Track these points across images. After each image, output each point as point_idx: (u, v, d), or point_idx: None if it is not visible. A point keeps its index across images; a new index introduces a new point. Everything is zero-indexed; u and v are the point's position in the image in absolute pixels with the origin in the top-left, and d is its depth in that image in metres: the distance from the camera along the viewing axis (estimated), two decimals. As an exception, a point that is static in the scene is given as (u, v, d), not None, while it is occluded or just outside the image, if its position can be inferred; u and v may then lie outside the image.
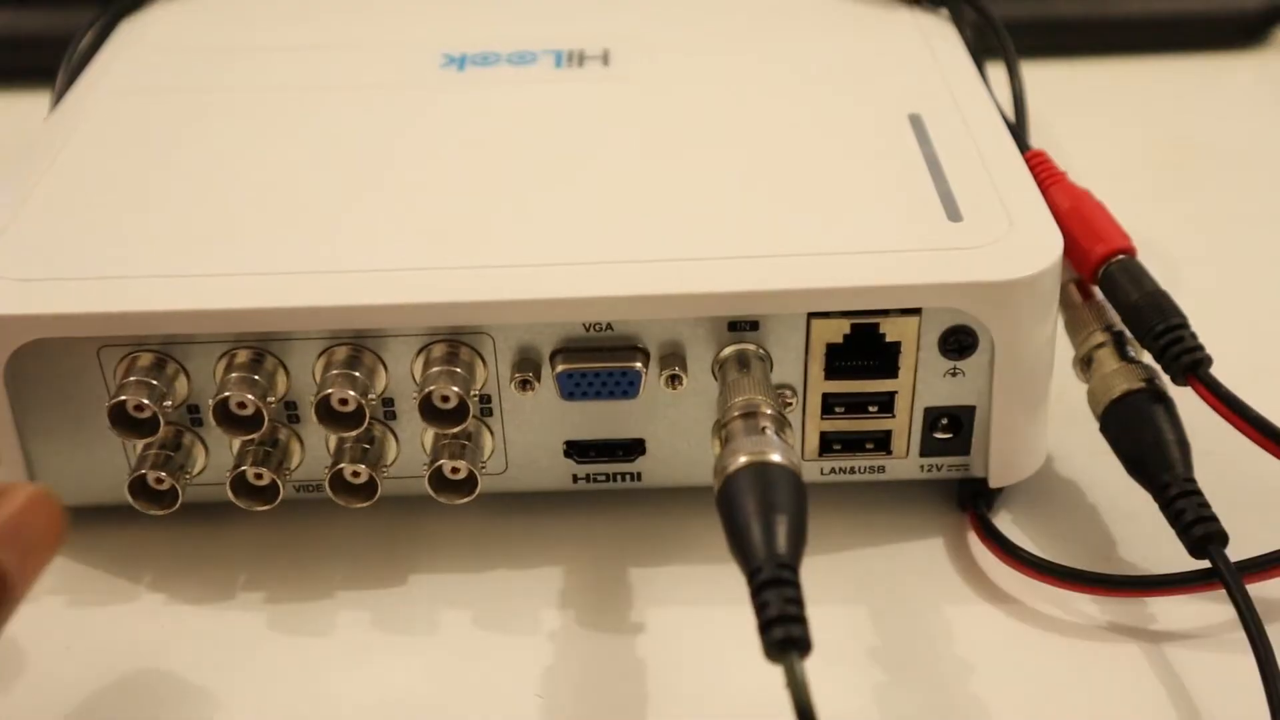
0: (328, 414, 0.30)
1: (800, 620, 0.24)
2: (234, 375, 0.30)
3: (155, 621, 0.31)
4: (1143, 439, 0.31)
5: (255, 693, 0.30)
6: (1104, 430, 0.32)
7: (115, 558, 0.33)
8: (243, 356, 0.30)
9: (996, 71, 0.40)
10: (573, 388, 0.31)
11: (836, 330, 0.30)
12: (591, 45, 0.40)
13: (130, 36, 0.42)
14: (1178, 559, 0.30)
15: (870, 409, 0.32)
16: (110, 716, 0.29)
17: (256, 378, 0.30)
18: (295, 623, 0.31)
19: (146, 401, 0.29)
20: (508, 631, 0.31)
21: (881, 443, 0.32)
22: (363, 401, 0.30)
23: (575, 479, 0.33)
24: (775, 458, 0.26)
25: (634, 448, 0.32)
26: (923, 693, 0.29)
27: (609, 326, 0.30)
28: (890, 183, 0.33)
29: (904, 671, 0.30)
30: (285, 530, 0.33)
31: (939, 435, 0.32)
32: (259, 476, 0.31)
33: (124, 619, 0.31)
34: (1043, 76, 0.45)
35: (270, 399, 0.30)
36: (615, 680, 0.30)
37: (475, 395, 0.30)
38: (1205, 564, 0.29)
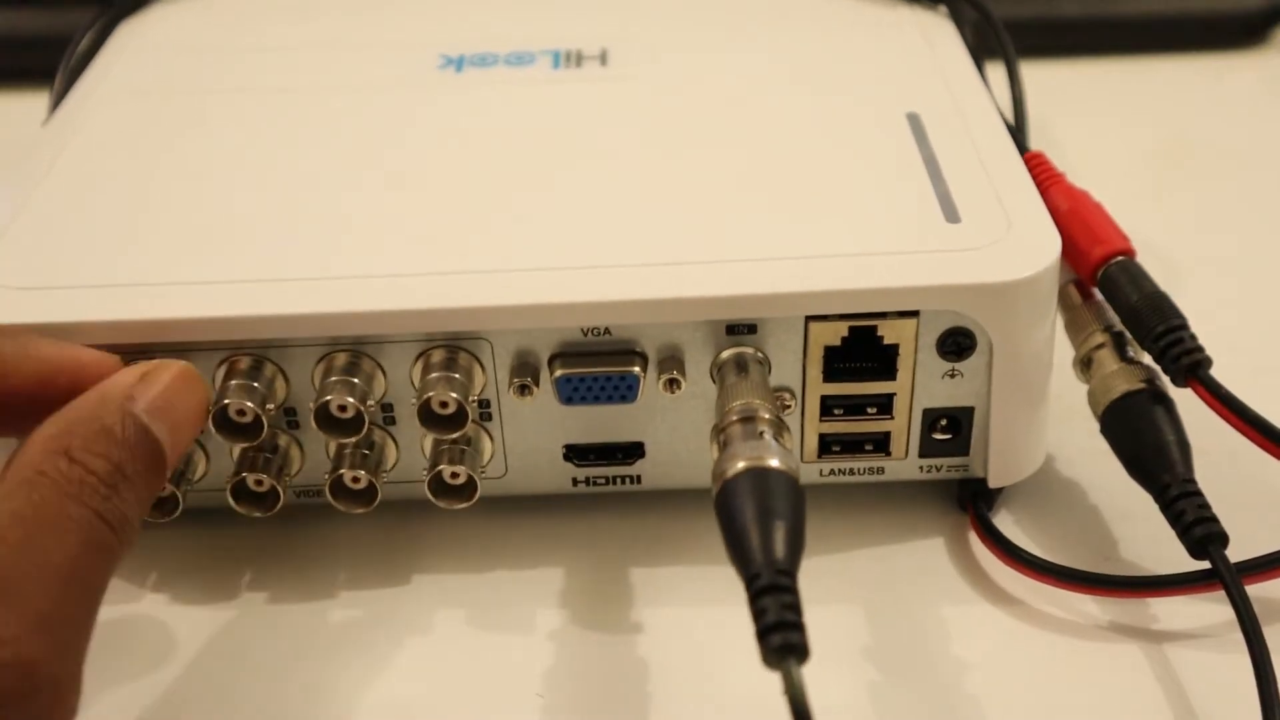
0: (327, 420, 0.30)
1: (798, 627, 0.24)
2: (233, 382, 0.30)
3: (159, 622, 0.32)
4: (1143, 439, 0.31)
5: (257, 693, 0.30)
6: (1104, 431, 0.32)
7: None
8: (242, 363, 0.30)
9: (996, 71, 0.40)
10: (571, 392, 0.31)
11: (834, 333, 0.30)
12: (589, 46, 0.40)
13: (130, 38, 0.42)
14: (1178, 559, 0.30)
15: (869, 411, 0.32)
16: (113, 716, 0.29)
17: (256, 384, 0.30)
18: (298, 623, 0.31)
19: (146, 408, 0.29)
20: (508, 632, 0.31)
21: (880, 444, 0.32)
22: (362, 408, 0.30)
23: (575, 482, 0.33)
24: (773, 463, 0.26)
25: (633, 451, 0.32)
26: (923, 693, 0.29)
27: (607, 331, 0.30)
28: (888, 184, 0.33)
29: (904, 672, 0.30)
30: (288, 532, 0.34)
31: (938, 436, 0.32)
32: (259, 483, 0.31)
33: (128, 620, 0.32)
34: (1043, 76, 0.45)
35: (269, 406, 0.30)
36: (615, 680, 0.30)
37: (474, 400, 0.31)
38: (1205, 564, 0.29)
